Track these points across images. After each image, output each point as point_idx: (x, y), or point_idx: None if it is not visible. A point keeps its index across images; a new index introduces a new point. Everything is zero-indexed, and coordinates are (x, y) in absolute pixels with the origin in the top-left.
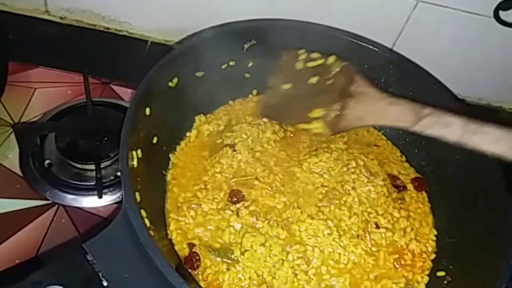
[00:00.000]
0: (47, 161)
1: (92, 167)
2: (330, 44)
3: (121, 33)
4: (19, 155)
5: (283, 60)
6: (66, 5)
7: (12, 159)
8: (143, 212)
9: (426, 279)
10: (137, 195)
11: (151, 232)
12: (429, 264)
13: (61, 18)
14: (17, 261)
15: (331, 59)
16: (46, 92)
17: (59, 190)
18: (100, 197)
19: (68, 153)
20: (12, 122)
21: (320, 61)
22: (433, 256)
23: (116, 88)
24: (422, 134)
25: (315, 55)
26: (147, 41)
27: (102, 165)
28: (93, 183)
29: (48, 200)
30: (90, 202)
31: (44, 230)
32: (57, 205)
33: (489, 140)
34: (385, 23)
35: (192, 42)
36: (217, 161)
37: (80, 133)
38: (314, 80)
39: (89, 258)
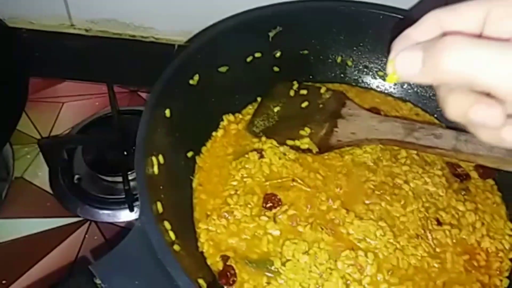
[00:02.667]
0: (76, 176)
1: (121, 179)
2: (362, 23)
3: (147, 39)
4: (49, 172)
5: (276, 88)
6: (90, 16)
7: (42, 177)
8: (167, 224)
9: (506, 282)
10: (159, 205)
11: (176, 247)
12: (508, 264)
13: (86, 30)
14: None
15: (323, 89)
16: (74, 105)
17: (89, 205)
18: (131, 210)
19: (96, 166)
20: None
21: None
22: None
23: (145, 95)
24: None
25: (308, 84)
26: (174, 45)
27: (131, 177)
28: (123, 196)
29: (79, 216)
30: (122, 216)
31: (76, 249)
32: (88, 222)
33: (483, 148)
34: None
35: (210, 34)
36: (242, 166)
37: (107, 144)
38: (304, 104)
39: (97, 281)
